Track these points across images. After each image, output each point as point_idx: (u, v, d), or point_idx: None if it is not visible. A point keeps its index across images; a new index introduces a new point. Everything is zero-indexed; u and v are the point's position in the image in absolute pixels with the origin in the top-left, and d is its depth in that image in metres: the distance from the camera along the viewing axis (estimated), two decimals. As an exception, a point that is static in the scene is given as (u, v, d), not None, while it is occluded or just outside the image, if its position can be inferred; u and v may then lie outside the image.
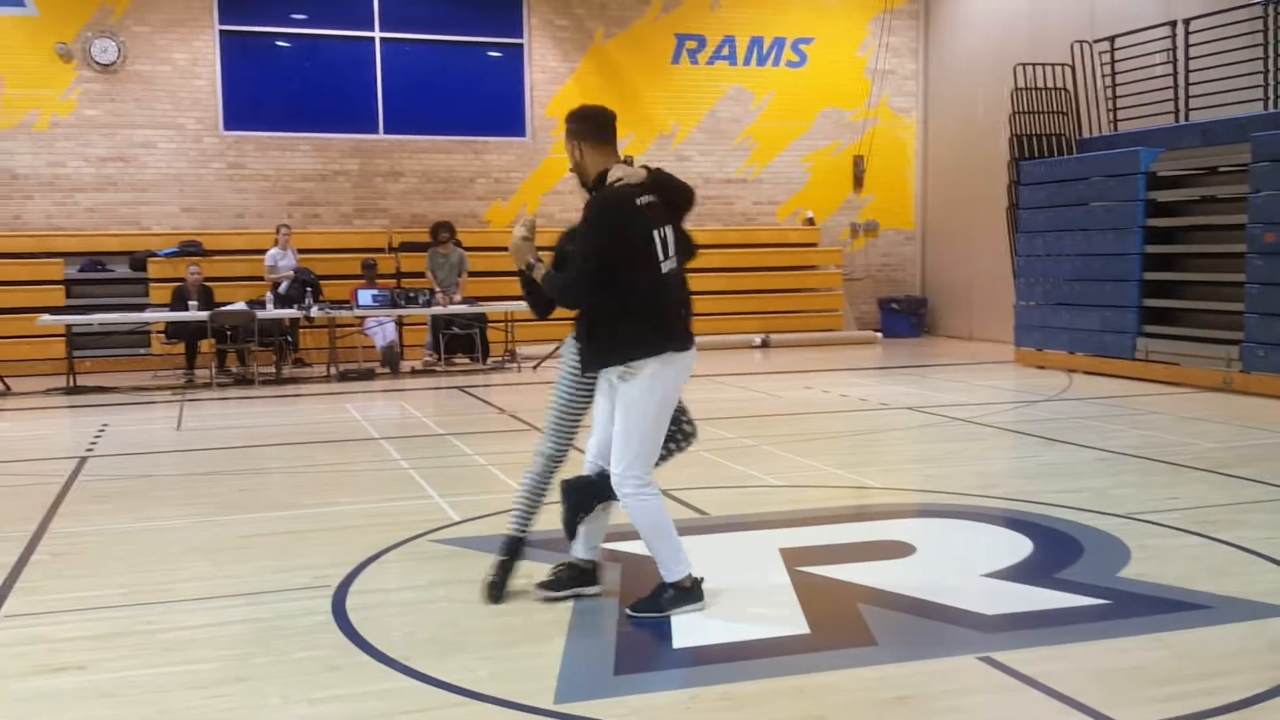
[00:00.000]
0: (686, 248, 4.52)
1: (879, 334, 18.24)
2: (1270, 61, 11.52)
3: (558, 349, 4.81)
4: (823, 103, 18.46)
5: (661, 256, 4.31)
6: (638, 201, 4.31)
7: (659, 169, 4.51)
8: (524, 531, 4.70)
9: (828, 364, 14.34)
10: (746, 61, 18.19)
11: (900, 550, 5.37)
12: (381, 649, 4.07)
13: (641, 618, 4.37)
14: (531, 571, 5.05)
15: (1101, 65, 13.80)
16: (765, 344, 17.21)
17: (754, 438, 8.70)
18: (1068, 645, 4.01)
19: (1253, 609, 4.36)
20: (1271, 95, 11.51)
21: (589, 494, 4.57)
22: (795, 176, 18.53)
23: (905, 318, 18.47)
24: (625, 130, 18.22)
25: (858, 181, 18.86)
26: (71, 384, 12.63)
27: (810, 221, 18.40)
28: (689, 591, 4.42)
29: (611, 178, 4.36)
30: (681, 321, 4.38)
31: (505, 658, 3.99)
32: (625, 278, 4.25)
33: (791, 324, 17.60)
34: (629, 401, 4.32)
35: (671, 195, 4.42)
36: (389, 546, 5.46)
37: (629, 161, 4.48)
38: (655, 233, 4.31)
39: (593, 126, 4.49)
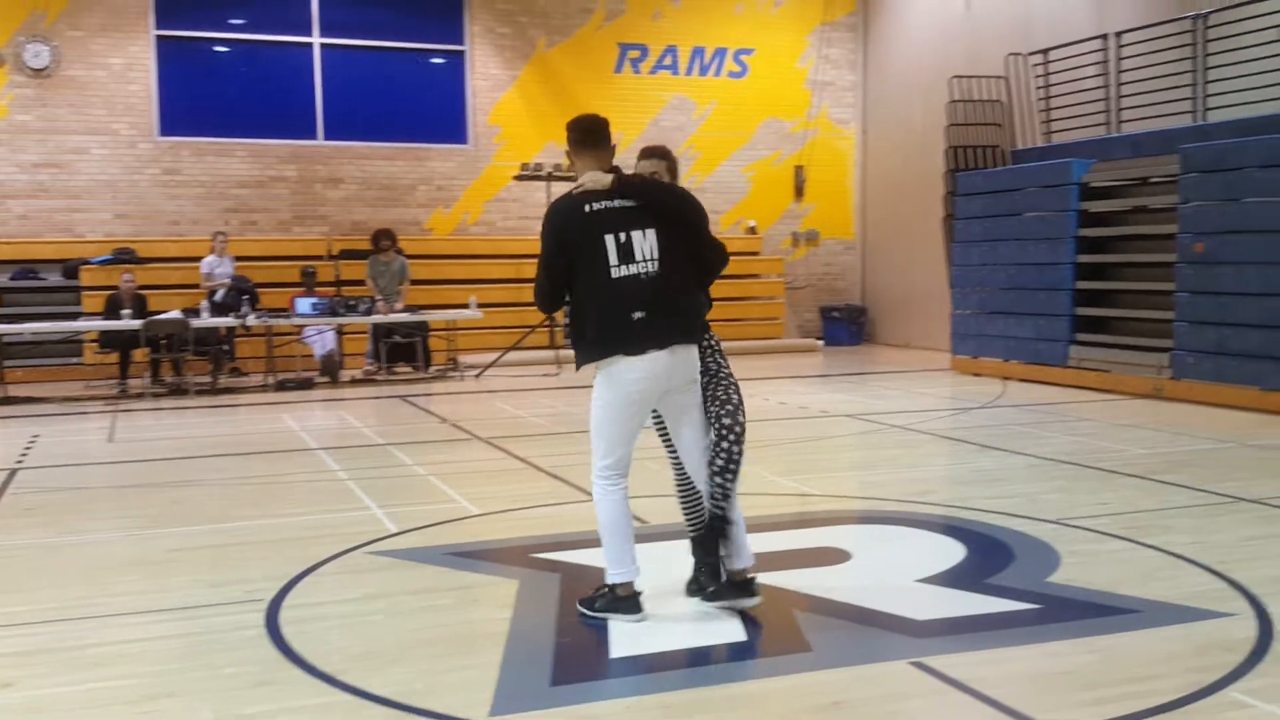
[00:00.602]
0: (691, 250, 4.48)
1: (820, 342, 18.40)
2: (1199, 75, 11.81)
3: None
4: (764, 113, 18.61)
5: (615, 261, 4.32)
6: (587, 208, 4.35)
7: (635, 175, 4.54)
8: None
9: (770, 372, 14.44)
10: (689, 71, 18.29)
11: (836, 557, 5.42)
12: (314, 663, 4.03)
13: (580, 613, 4.46)
14: (467, 583, 5.04)
15: (1035, 78, 14.05)
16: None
17: (695, 446, 8.71)
18: (999, 650, 4.07)
19: (1179, 613, 4.45)
20: (1200, 108, 11.80)
21: (709, 538, 4.59)
22: (737, 186, 18.65)
23: (846, 326, 18.65)
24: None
25: (798, 191, 19.03)
26: (2, 394, 12.36)
27: (752, 231, 18.52)
28: (624, 601, 4.43)
29: (575, 185, 4.43)
30: (633, 326, 4.32)
31: (441, 670, 3.96)
32: (578, 282, 4.36)
33: (734, 332, 17.62)
34: (593, 399, 4.46)
35: (646, 199, 4.41)
36: (324, 559, 5.40)
37: (614, 169, 4.48)
38: (609, 237, 4.32)
39: (576, 135, 4.55)
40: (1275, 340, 10.02)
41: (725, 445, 4.51)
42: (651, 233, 4.37)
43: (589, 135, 4.53)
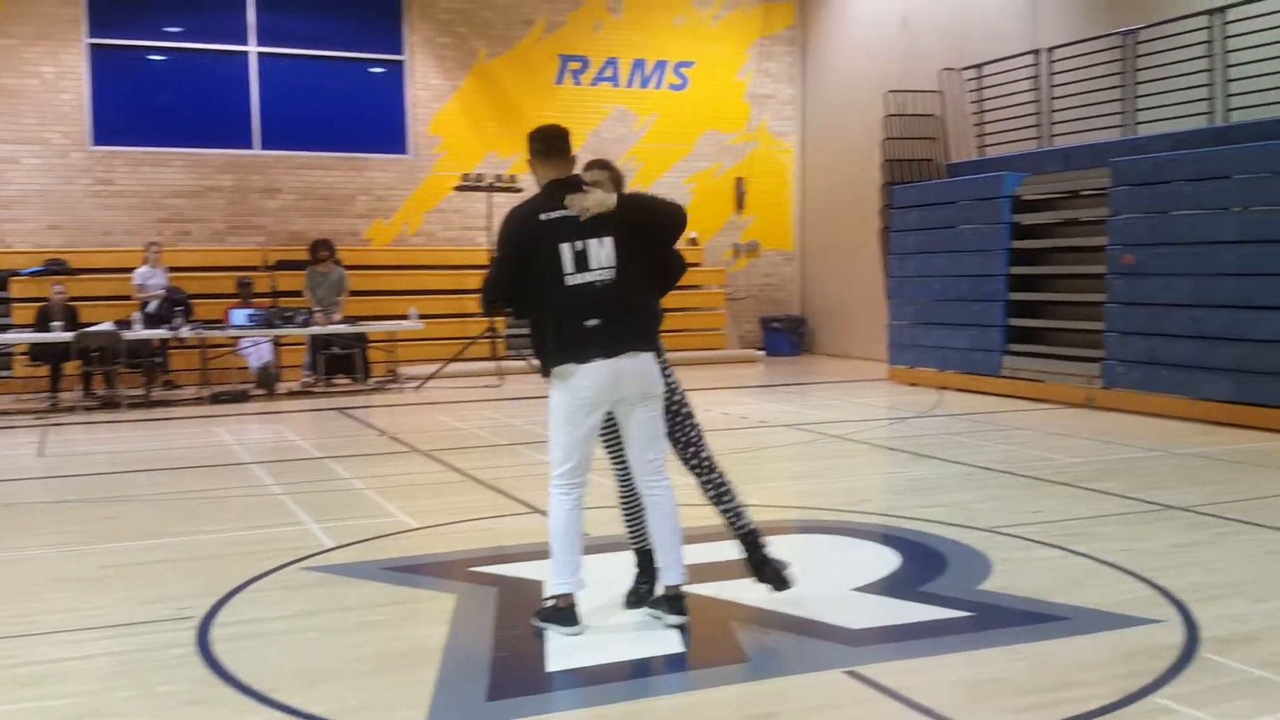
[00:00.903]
0: (646, 260, 4.51)
1: (761, 352, 18.52)
2: (1128, 90, 12.08)
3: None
4: (704, 125, 18.72)
5: (570, 269, 4.35)
6: (543, 216, 4.41)
7: (577, 181, 4.56)
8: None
9: (711, 382, 14.50)
10: (629, 83, 18.35)
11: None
12: (247, 681, 3.97)
13: (532, 624, 4.50)
14: (403, 598, 5.00)
15: (969, 92, 14.28)
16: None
17: (635, 457, 8.73)
18: (930, 658, 4.13)
19: (1108, 619, 4.53)
20: (1130, 122, 12.07)
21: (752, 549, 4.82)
22: (678, 197, 18.58)
23: (786, 336, 18.79)
24: (511, 149, 18.40)
25: (739, 203, 19.15)
26: (-75, 409, 12.08)
27: (693, 242, 18.58)
28: (561, 612, 4.43)
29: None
30: (587, 333, 4.35)
31: (376, 686, 3.93)
32: (531, 290, 4.43)
33: (676, 343, 17.69)
34: (549, 406, 4.51)
35: (622, 209, 4.44)
36: (258, 575, 5.34)
37: (570, 180, 4.52)
38: (565, 246, 4.36)
39: (537, 145, 4.59)
40: (1204, 350, 10.27)
41: (711, 479, 4.74)
42: (609, 241, 4.40)
43: (550, 144, 4.58)
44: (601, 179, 4.76)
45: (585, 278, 4.37)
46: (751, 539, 4.78)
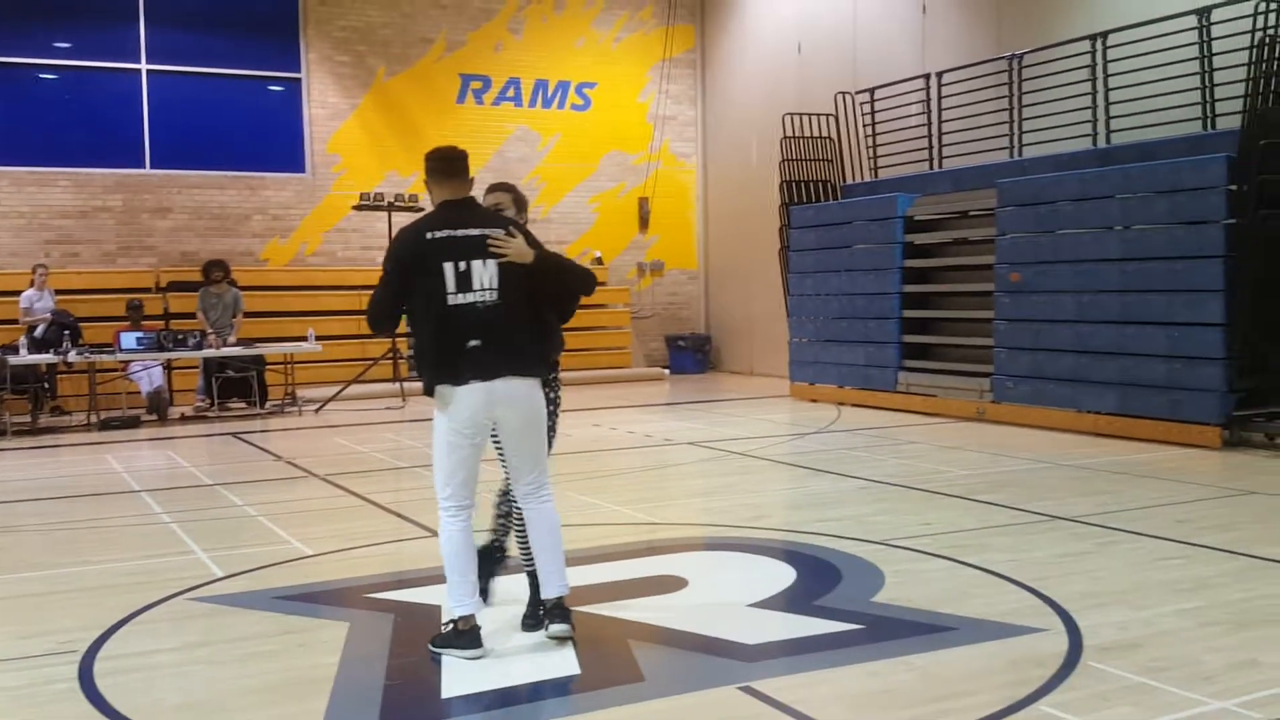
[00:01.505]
0: (539, 285, 4.49)
1: (667, 371, 18.62)
2: (1014, 113, 12.44)
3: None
4: (607, 146, 18.81)
5: (452, 288, 4.34)
6: (429, 235, 4.40)
7: (471, 202, 4.55)
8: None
9: (617, 401, 14.54)
10: (532, 104, 18.36)
11: (673, 584, 5.49)
12: (130, 716, 3.86)
13: (429, 649, 4.45)
14: (295, 628, 4.91)
15: (863, 114, 14.58)
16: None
17: (537, 478, 8.71)
18: (823, 671, 4.18)
19: (995, 629, 4.64)
20: (1016, 144, 12.43)
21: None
22: (583, 217, 18.77)
23: (691, 354, 18.92)
24: (411, 168, 18.24)
25: (643, 222, 19.26)
26: None
27: (598, 261, 18.64)
28: (462, 635, 4.39)
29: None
30: (466, 354, 4.34)
31: (264, 719, 3.85)
32: (419, 309, 4.41)
33: (582, 361, 17.71)
34: (433, 428, 4.51)
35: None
36: (144, 606, 5.19)
37: (464, 201, 4.52)
38: (449, 265, 4.34)
39: (433, 165, 4.55)
40: (1088, 364, 10.60)
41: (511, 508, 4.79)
42: (493, 263, 4.38)
43: (446, 165, 4.55)
44: (504, 201, 4.77)
45: (467, 298, 4.35)
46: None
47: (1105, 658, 4.23)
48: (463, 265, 4.35)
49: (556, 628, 4.50)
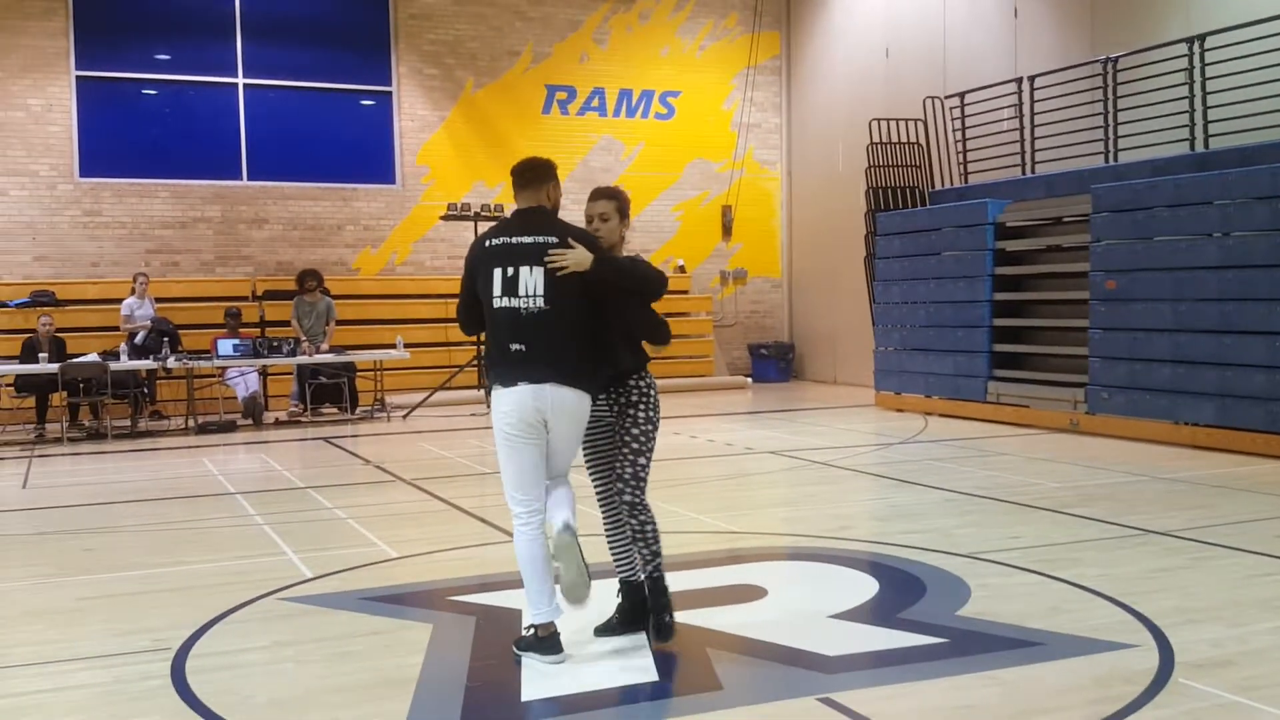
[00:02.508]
0: (602, 289, 4.49)
1: (749, 379, 18.55)
2: (1109, 116, 12.17)
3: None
4: (691, 154, 18.83)
5: (498, 293, 4.45)
6: (487, 243, 4.56)
7: (536, 211, 4.60)
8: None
9: (699, 409, 14.52)
10: (616, 113, 18.47)
11: (753, 594, 5.46)
12: (220, 713, 3.96)
13: (513, 652, 4.49)
14: (380, 629, 4.99)
15: (952, 120, 14.39)
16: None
17: (619, 485, 8.74)
18: (905, 684, 4.12)
19: (1083, 645, 4.53)
20: (1111, 149, 12.15)
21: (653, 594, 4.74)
22: (666, 225, 18.81)
23: (774, 363, 18.83)
24: (498, 178, 18.47)
25: (726, 230, 19.23)
26: (-91, 441, 12.03)
27: (681, 269, 18.67)
28: (542, 641, 4.43)
29: None
30: (509, 356, 4.43)
31: (348, 718, 3.92)
32: (484, 313, 4.59)
33: (664, 370, 17.73)
34: None
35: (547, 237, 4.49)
36: (235, 606, 5.32)
37: (534, 210, 4.61)
38: (498, 270, 4.46)
39: (511, 177, 4.73)
40: (1186, 375, 10.31)
41: (633, 520, 4.61)
42: (541, 270, 4.42)
43: (517, 177, 4.70)
44: (607, 210, 4.76)
45: (511, 303, 4.44)
46: (657, 584, 4.65)
47: (1197, 675, 4.11)
48: (510, 271, 4.44)
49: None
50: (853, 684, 4.14)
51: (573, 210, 4.71)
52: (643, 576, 4.65)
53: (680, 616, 5.01)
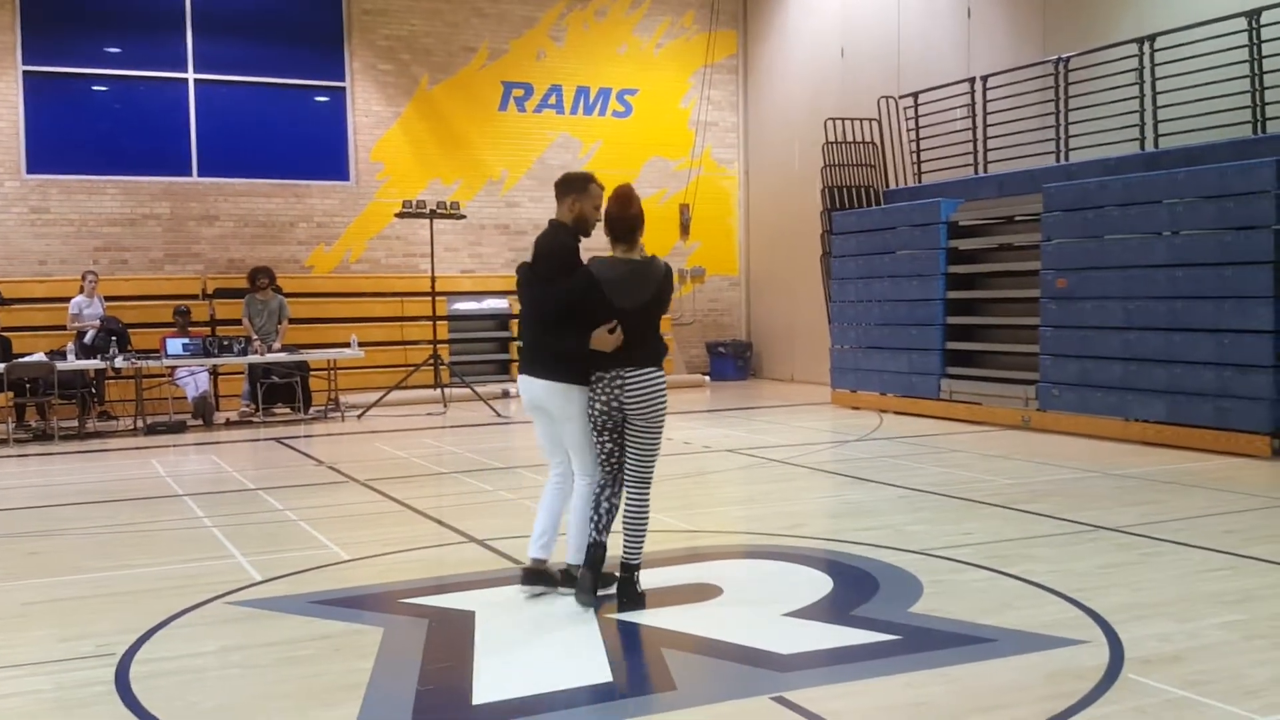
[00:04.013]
0: (542, 300, 5.24)
1: (707, 377, 18.58)
2: (1060, 116, 12.29)
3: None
4: (649, 152, 18.81)
5: (522, 302, 5.42)
6: (521, 262, 5.42)
7: (539, 237, 5.35)
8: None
9: (654, 408, 14.48)
10: (574, 110, 18.41)
11: (709, 593, 5.45)
12: None
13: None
14: (330, 632, 4.93)
15: (906, 120, 14.47)
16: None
17: (575, 484, 8.71)
18: (858, 682, 4.13)
19: (1034, 641, 4.56)
20: (1062, 148, 12.27)
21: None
22: (622, 223, 18.73)
23: (732, 361, 18.87)
24: (454, 175, 18.35)
25: (684, 229, 19.23)
26: None
27: (638, 267, 18.61)
28: (529, 572, 5.35)
29: None
30: (523, 355, 5.34)
31: (297, 723, 3.86)
32: None
33: (620, 369, 17.74)
34: None
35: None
36: (182, 610, 5.23)
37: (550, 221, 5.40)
38: (521, 287, 5.36)
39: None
40: (1135, 372, 10.43)
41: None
42: (533, 284, 5.25)
43: (556, 189, 5.42)
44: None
45: (527, 312, 5.41)
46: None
47: (1147, 671, 4.15)
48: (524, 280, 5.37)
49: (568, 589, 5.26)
50: (806, 682, 4.14)
51: (532, 208, 4.77)
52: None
53: (635, 615, 5.01)
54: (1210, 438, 9.72)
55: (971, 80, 13.52)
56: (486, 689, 4.15)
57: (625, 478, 5.13)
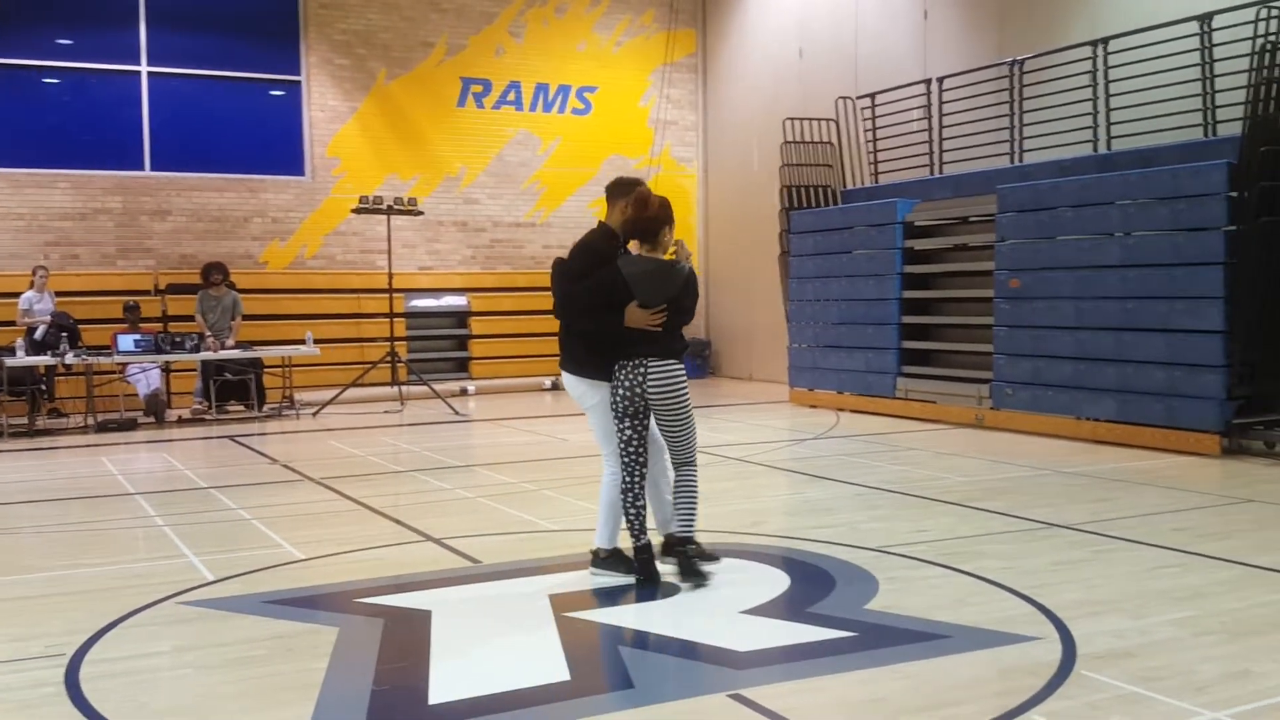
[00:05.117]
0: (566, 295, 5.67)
1: (664, 376, 18.56)
2: (1015, 118, 12.41)
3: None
4: (608, 150, 18.77)
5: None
6: (556, 258, 5.84)
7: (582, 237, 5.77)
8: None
9: (612, 406, 14.47)
10: (533, 107, 18.35)
11: (666, 590, 5.45)
12: (114, 721, 3.84)
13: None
14: (284, 632, 4.88)
15: (863, 120, 14.56)
16: (555, 386, 17.26)
17: (535, 482, 8.70)
18: (813, 679, 4.15)
19: (988, 637, 4.61)
20: (1017, 150, 12.40)
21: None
22: (583, 221, 18.65)
23: (690, 360, 18.86)
24: (412, 171, 18.22)
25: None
26: None
27: (596, 265, 18.59)
28: (604, 560, 5.66)
29: None
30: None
31: (250, 724, 3.82)
32: None
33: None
34: None
35: None
36: (134, 610, 5.16)
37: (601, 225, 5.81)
38: (554, 282, 5.74)
39: None
40: (1087, 371, 10.56)
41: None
42: None
43: (607, 191, 5.86)
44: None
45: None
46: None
47: (1099, 667, 4.20)
48: None
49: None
50: (763, 679, 4.15)
51: (490, 205, 4.75)
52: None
53: (593, 614, 5.01)
54: (1161, 436, 9.87)
55: (928, 81, 13.62)
56: (443, 689, 4.12)
57: (671, 460, 5.58)
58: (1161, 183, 9.99)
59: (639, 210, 5.51)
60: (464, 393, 16.50)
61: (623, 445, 5.47)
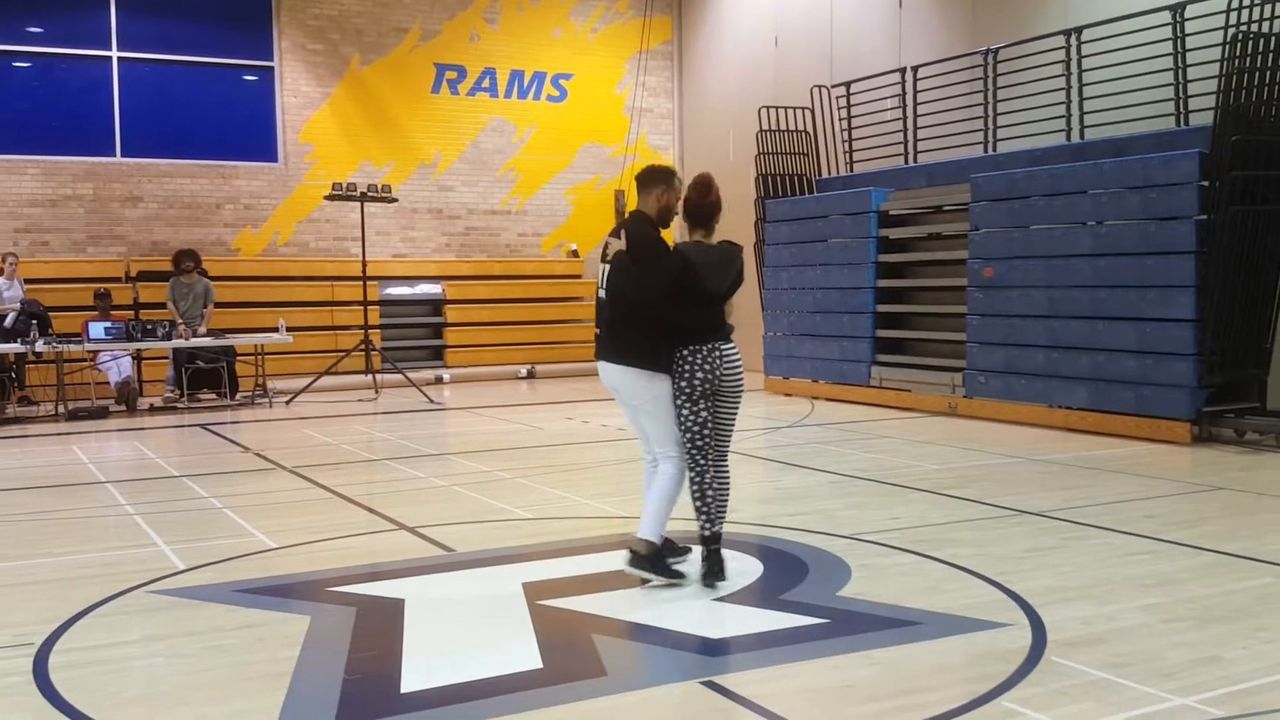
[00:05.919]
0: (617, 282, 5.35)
1: (640, 364, 18.56)
2: (989, 107, 12.46)
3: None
4: (584, 138, 18.74)
5: (600, 284, 5.44)
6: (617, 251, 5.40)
7: (626, 219, 5.45)
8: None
9: (591, 395, 14.48)
10: (508, 94, 18.28)
11: (639, 578, 5.45)
12: (85, 710, 3.80)
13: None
14: (255, 621, 4.86)
15: (838, 109, 14.58)
16: (531, 374, 17.25)
17: (509, 470, 8.69)
18: (784, 666, 4.16)
19: (959, 624, 4.63)
20: (990, 139, 12.44)
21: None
22: (559, 209, 18.71)
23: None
24: (386, 158, 18.11)
25: (620, 215, 19.13)
26: None
27: (574, 254, 18.60)
28: (642, 559, 5.28)
29: None
30: (601, 342, 5.44)
31: (219, 715, 3.79)
32: None
33: (556, 355, 17.73)
34: None
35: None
36: (103, 599, 5.12)
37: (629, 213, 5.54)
38: (602, 267, 5.41)
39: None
40: (1059, 360, 10.63)
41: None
42: (606, 266, 5.31)
43: (638, 180, 5.51)
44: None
45: (600, 293, 5.42)
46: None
47: (1068, 653, 4.23)
48: (603, 267, 5.37)
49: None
50: (735, 666, 4.17)
51: (465, 192, 4.71)
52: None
53: (565, 602, 5.01)
54: (1132, 424, 9.94)
55: (902, 70, 13.65)
56: (415, 677, 4.11)
57: (715, 453, 5.38)
58: (1133, 172, 10.05)
59: (702, 195, 5.41)
60: (439, 381, 16.45)
61: (697, 429, 5.26)
